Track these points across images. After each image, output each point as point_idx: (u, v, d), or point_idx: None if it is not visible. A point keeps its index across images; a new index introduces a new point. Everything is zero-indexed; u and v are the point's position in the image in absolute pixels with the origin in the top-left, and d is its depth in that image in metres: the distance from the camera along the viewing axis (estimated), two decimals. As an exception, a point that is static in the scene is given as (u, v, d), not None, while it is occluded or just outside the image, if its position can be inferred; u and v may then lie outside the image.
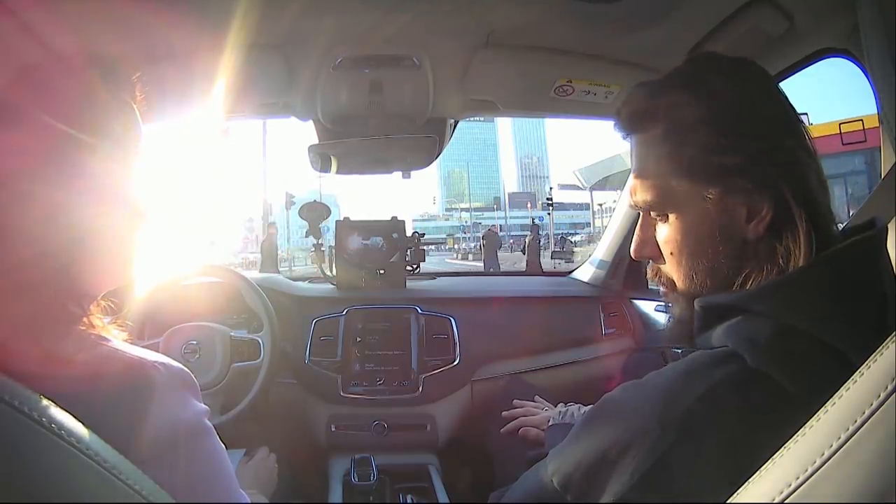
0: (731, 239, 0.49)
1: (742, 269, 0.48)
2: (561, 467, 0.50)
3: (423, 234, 1.56)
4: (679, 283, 0.53)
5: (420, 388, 1.29)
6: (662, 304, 1.38)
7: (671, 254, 0.52)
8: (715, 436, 0.41)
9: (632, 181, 0.54)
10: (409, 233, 1.49)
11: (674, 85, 0.52)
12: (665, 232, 0.52)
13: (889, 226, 0.48)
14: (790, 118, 0.50)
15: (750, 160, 0.47)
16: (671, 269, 0.53)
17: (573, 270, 1.71)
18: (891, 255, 0.46)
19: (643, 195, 0.53)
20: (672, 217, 0.51)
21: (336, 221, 1.49)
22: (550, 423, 0.87)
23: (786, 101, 0.50)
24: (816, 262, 0.45)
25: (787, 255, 0.46)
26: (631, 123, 0.54)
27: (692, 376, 0.45)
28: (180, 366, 0.46)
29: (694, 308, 0.50)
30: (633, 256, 0.57)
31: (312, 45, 0.93)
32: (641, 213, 0.56)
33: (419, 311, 1.36)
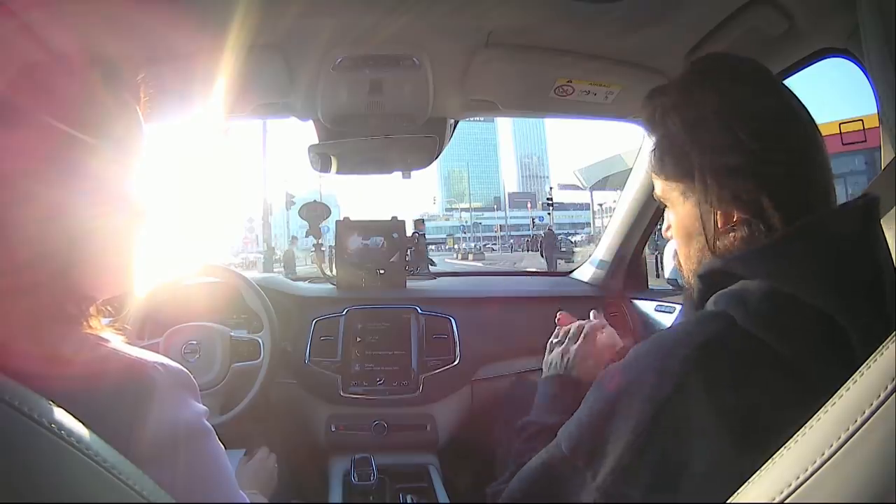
0: (701, 232, 0.54)
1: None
2: (571, 432, 0.53)
3: (423, 234, 1.57)
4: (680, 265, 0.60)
5: (420, 388, 1.29)
6: (662, 304, 1.38)
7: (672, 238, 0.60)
8: (708, 390, 0.43)
9: None
10: (409, 233, 1.49)
11: (659, 94, 0.59)
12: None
13: (888, 219, 0.49)
14: (758, 122, 0.50)
15: (692, 167, 0.52)
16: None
17: (573, 270, 1.71)
18: (890, 246, 0.47)
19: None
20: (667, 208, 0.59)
21: (336, 221, 1.49)
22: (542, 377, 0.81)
23: (754, 108, 0.51)
24: (804, 226, 0.46)
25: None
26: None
27: (686, 333, 0.48)
28: (179, 366, 0.46)
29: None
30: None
31: (312, 45, 0.93)
32: None
33: (419, 311, 1.36)
